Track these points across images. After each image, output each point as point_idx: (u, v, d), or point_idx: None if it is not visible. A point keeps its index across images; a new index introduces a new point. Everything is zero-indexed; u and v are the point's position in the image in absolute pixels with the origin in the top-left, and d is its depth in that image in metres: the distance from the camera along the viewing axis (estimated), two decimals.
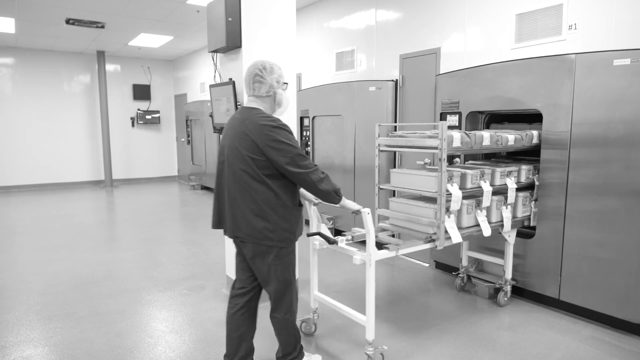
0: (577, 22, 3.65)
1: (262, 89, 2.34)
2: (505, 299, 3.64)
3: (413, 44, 5.10)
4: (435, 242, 2.91)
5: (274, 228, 2.29)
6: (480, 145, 3.12)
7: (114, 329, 3.28)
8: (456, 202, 2.93)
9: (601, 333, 3.18)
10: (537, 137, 3.55)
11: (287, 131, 2.26)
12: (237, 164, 2.28)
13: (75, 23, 7.61)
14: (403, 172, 3.16)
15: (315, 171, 2.28)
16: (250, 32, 3.53)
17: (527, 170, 3.52)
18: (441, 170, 2.82)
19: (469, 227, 3.14)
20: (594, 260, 3.25)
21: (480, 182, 3.16)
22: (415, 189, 3.06)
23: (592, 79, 3.18)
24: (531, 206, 3.58)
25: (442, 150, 2.80)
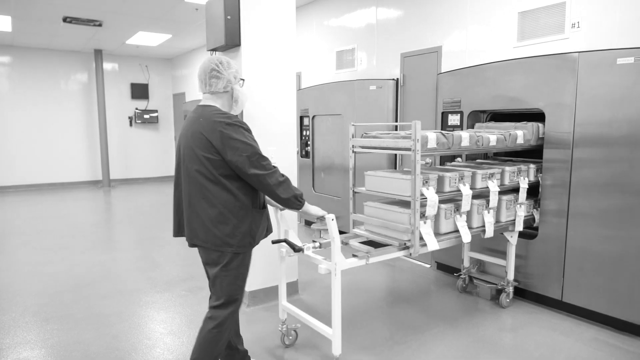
0: (580, 20, 3.65)
1: (219, 84, 2.23)
2: (507, 300, 3.62)
3: (414, 43, 5.10)
4: (409, 249, 2.79)
5: (232, 232, 2.17)
6: (458, 146, 2.99)
7: (111, 331, 3.28)
8: (432, 206, 2.81)
9: (604, 335, 3.18)
10: (521, 137, 3.42)
11: (243, 128, 2.15)
12: (192, 165, 2.18)
13: (72, 21, 7.61)
14: (377, 175, 3.04)
15: (273, 173, 2.15)
16: (249, 31, 3.53)
17: (512, 172, 3.39)
18: (414, 173, 2.69)
19: (447, 233, 3.03)
20: (598, 261, 3.25)
21: (459, 185, 3.04)
22: (389, 192, 2.93)
23: (595, 77, 3.18)
24: (525, 209, 3.49)
25: (415, 152, 2.68)
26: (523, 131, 3.44)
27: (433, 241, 2.85)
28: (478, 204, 3.18)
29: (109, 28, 8.26)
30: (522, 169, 3.47)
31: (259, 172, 2.11)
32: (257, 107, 3.61)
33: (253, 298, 3.69)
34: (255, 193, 2.23)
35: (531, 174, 3.58)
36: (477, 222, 3.21)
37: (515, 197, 3.42)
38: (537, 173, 3.61)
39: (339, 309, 2.54)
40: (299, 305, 3.72)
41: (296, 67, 4.04)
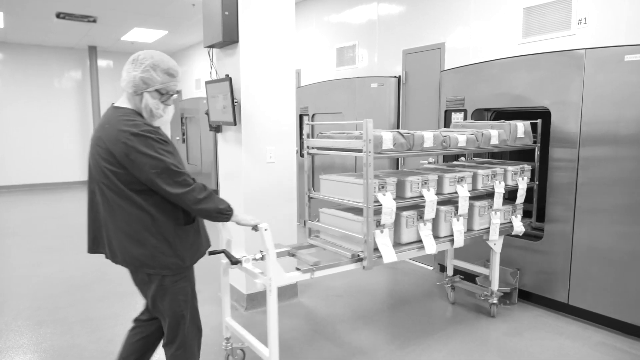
0: (587, 16, 3.65)
1: (125, 81, 1.99)
2: (496, 310, 3.51)
3: (416, 39, 5.09)
4: (363, 261, 2.63)
5: (152, 254, 1.95)
6: (421, 147, 2.83)
7: (106, 335, 3.27)
8: (388, 214, 2.62)
9: (612, 339, 3.17)
10: (496, 137, 3.25)
11: (153, 139, 1.88)
12: (98, 177, 1.94)
13: (66, 17, 7.61)
14: (331, 179, 2.89)
15: (191, 192, 1.93)
16: (247, 27, 3.52)
17: (485, 176, 3.19)
18: (366, 177, 2.53)
19: (410, 243, 2.86)
20: (605, 263, 3.25)
21: (423, 190, 2.86)
22: (343, 198, 2.77)
23: (602, 75, 3.18)
24: (502, 216, 3.32)
25: (367, 154, 2.52)
26: (498, 131, 3.28)
27: (390, 252, 2.66)
28: (446, 211, 2.99)
29: (103, 24, 8.25)
30: (497, 172, 3.27)
31: (172, 191, 1.89)
32: (255, 105, 3.60)
33: (251, 301, 3.69)
34: (176, 207, 1.99)
35: (509, 178, 3.37)
36: (444, 230, 3.02)
37: (490, 203, 3.25)
38: (519, 176, 3.43)
39: (276, 329, 2.39)
40: (298, 309, 3.72)
41: (296, 64, 4.04)
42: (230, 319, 2.82)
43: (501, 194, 3.25)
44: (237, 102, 3.57)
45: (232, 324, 2.78)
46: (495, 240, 3.33)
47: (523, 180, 3.43)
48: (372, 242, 2.61)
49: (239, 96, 3.56)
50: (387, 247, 2.67)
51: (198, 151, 10.18)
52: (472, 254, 4.07)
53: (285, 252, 2.82)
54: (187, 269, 2.10)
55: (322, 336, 3.25)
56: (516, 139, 3.39)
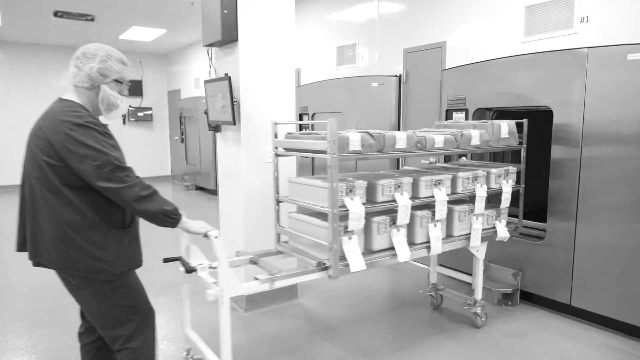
0: (590, 14, 3.65)
1: (77, 76, 1.93)
2: (482, 320, 3.38)
3: (417, 38, 5.09)
4: (328, 270, 2.52)
5: (79, 256, 1.82)
6: (392, 148, 2.71)
7: None
8: (356, 220, 2.51)
9: (615, 340, 3.18)
10: (477, 137, 3.12)
11: (97, 131, 1.83)
12: (32, 171, 1.85)
13: (63, 16, 7.61)
14: (298, 182, 2.79)
15: (132, 187, 1.81)
16: (247, 25, 3.53)
17: (465, 178, 3.06)
18: (331, 181, 2.42)
19: (382, 250, 2.73)
20: (608, 264, 3.25)
21: (395, 194, 2.72)
22: (309, 202, 2.67)
23: (605, 74, 3.18)
24: (484, 221, 3.19)
25: (331, 156, 2.41)
26: (480, 131, 3.15)
27: (358, 261, 2.54)
28: (422, 216, 2.88)
29: (101, 23, 8.25)
30: (479, 175, 3.15)
31: (112, 186, 1.78)
32: (255, 105, 3.60)
33: (250, 302, 3.69)
34: (112, 209, 1.90)
35: (492, 181, 3.24)
36: (421, 237, 2.90)
37: (472, 207, 3.12)
38: (504, 179, 3.30)
39: (228, 343, 2.31)
40: (298, 310, 3.72)
41: (295, 63, 4.04)
42: (190, 329, 2.65)
43: (483, 197, 3.12)
44: (236, 102, 3.57)
45: (192, 335, 2.61)
46: (477, 246, 3.19)
47: (508, 183, 3.30)
48: (338, 249, 2.50)
49: (238, 95, 3.57)
50: (355, 255, 2.54)
51: (197, 151, 10.19)
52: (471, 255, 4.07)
53: (246, 259, 2.70)
54: (122, 276, 1.94)
55: (322, 337, 3.25)
56: (500, 140, 3.27)
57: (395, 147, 2.73)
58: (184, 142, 11.07)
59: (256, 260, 2.70)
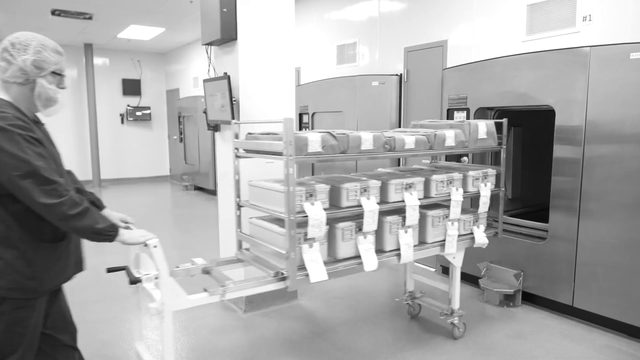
0: (592, 13, 3.65)
1: (7, 71, 1.74)
2: (460, 331, 3.24)
3: (418, 37, 5.10)
4: (286, 280, 2.39)
5: (2, 270, 1.68)
6: (358, 149, 2.57)
7: (101, 338, 3.28)
8: (316, 226, 2.38)
9: (617, 342, 3.18)
10: (452, 138, 2.98)
11: (22, 136, 1.64)
12: None
13: (61, 14, 7.61)
14: (257, 185, 2.67)
15: (59, 205, 1.65)
16: (246, 24, 3.53)
17: (439, 182, 2.92)
18: (287, 185, 2.29)
19: (349, 259, 2.60)
20: (611, 265, 3.25)
21: (361, 198, 2.58)
22: (268, 207, 2.54)
23: (607, 73, 3.18)
24: (461, 227, 3.06)
25: (287, 158, 2.28)
26: (455, 131, 3.02)
27: (319, 271, 2.42)
28: (391, 222, 2.73)
29: (99, 21, 8.26)
30: (454, 178, 3.00)
31: (38, 200, 1.62)
32: (254, 104, 3.61)
33: (249, 303, 3.69)
34: (43, 221, 1.73)
35: (469, 184, 3.11)
36: (390, 244, 2.76)
37: (446, 212, 2.97)
38: (482, 182, 3.17)
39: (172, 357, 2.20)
40: (298, 311, 3.73)
41: (295, 61, 4.04)
42: (140, 343, 2.49)
43: (458, 202, 2.97)
44: (235, 101, 3.57)
45: (140, 350, 2.45)
46: (453, 253, 3.07)
47: (486, 186, 3.16)
48: (296, 258, 2.37)
49: (238, 95, 3.57)
50: (315, 264, 2.41)
51: (196, 150, 10.19)
52: (474, 256, 4.07)
53: (199, 269, 2.56)
54: (39, 296, 1.80)
55: (322, 339, 3.25)
56: (477, 140, 3.13)
57: (361, 148, 2.59)
58: (182, 141, 11.07)
59: (209, 269, 2.55)
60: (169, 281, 2.13)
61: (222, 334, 3.33)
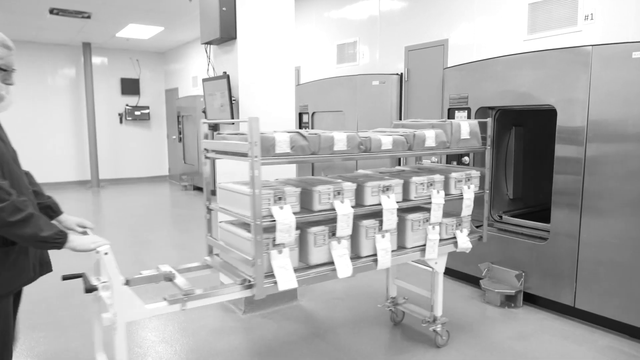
0: (594, 12, 3.65)
1: None
2: (442, 339, 3.14)
3: (419, 36, 5.10)
4: (253, 288, 2.30)
5: None
6: (331, 150, 2.48)
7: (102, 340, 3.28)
8: (285, 231, 2.29)
9: (619, 343, 3.18)
10: (432, 138, 2.89)
11: None
12: None
13: (59, 13, 7.61)
14: (226, 188, 2.58)
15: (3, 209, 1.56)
16: (245, 23, 3.53)
17: (419, 184, 2.83)
18: (253, 187, 2.20)
19: (321, 265, 2.50)
20: (612, 265, 3.25)
21: (335, 201, 2.48)
22: (235, 211, 2.46)
23: (609, 72, 3.18)
24: (442, 231, 2.98)
25: (252, 159, 2.20)
26: (436, 131, 2.93)
27: (288, 278, 2.33)
28: (368, 226, 2.63)
29: (98, 20, 8.26)
30: (435, 180, 2.90)
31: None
32: (254, 104, 3.61)
33: (249, 304, 3.70)
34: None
35: (451, 186, 3.02)
36: (367, 249, 2.66)
37: (426, 215, 2.88)
38: (465, 184, 3.07)
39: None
40: (298, 312, 3.73)
41: (295, 61, 4.04)
42: (101, 354, 2.37)
43: (440, 205, 2.88)
44: (235, 100, 3.58)
45: None
46: (434, 259, 2.96)
47: (469, 188, 3.07)
48: (264, 264, 2.28)
49: (237, 94, 3.57)
50: (284, 271, 2.33)
51: (195, 150, 10.20)
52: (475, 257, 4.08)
53: (160, 275, 2.45)
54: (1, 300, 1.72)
55: (322, 340, 3.25)
56: (460, 141, 3.04)
57: (334, 149, 2.50)
58: (181, 141, 11.08)
59: (172, 277, 2.43)
60: (122, 290, 2.01)
61: (221, 335, 3.33)
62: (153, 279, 2.42)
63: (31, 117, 10.65)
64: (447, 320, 3.17)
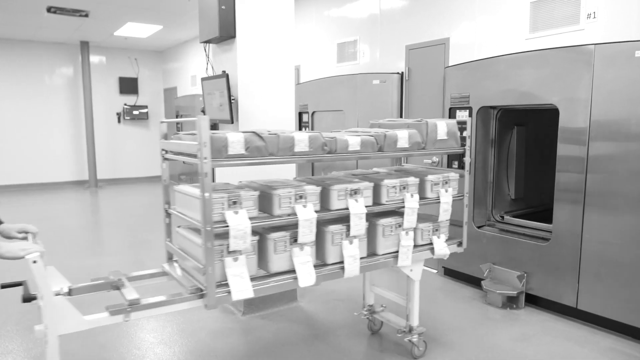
0: (597, 10, 3.65)
1: None
2: (419, 350, 3.00)
3: (420, 34, 5.10)
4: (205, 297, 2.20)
5: None
6: (290, 151, 2.39)
7: (98, 340, 3.28)
8: (239, 237, 2.19)
9: (622, 344, 3.18)
10: (405, 139, 2.77)
11: None
12: None
13: (57, 11, 7.61)
14: (181, 191, 2.49)
15: None
16: (245, 21, 3.53)
17: (391, 187, 2.70)
18: (202, 190, 2.12)
19: (281, 273, 2.40)
20: (615, 266, 3.25)
21: (296, 205, 2.38)
22: (189, 216, 2.37)
23: (612, 71, 3.18)
24: (417, 237, 2.85)
25: (201, 161, 2.11)
26: (409, 132, 2.81)
27: (243, 287, 2.22)
28: (334, 232, 2.51)
29: (95, 19, 8.26)
30: (409, 183, 2.76)
31: None
32: (253, 103, 3.61)
33: (248, 305, 3.69)
34: None
35: (427, 189, 2.88)
36: (333, 256, 2.54)
37: (399, 220, 2.75)
38: (442, 187, 2.94)
39: None
40: (298, 314, 3.73)
41: (295, 60, 4.04)
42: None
43: (413, 209, 2.74)
44: (234, 100, 3.58)
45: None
46: (409, 266, 2.82)
47: (447, 192, 2.94)
48: (215, 273, 2.19)
49: (236, 93, 3.57)
50: (239, 280, 2.22)
51: None
52: (476, 257, 4.08)
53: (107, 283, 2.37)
54: None
55: (322, 342, 3.25)
56: (436, 142, 2.92)
57: (295, 150, 2.40)
58: None
59: (120, 285, 2.34)
60: (53, 301, 1.92)
61: (220, 337, 3.33)
62: (100, 287, 2.32)
63: (29, 117, 10.65)
64: (424, 330, 3.04)
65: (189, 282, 2.37)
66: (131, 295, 2.16)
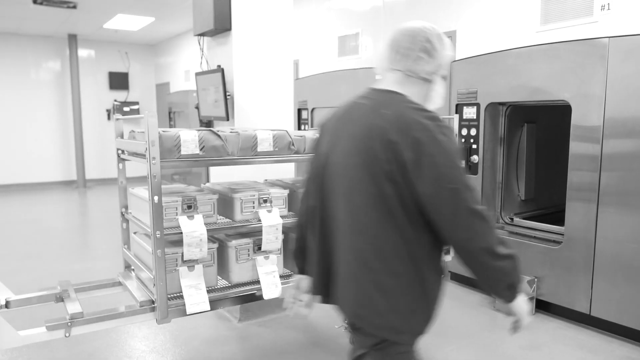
0: (611, 1, 3.65)
1: (426, 65, 1.53)
2: None
3: None
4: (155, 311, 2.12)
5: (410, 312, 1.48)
6: (253, 151, 2.31)
7: (87, 349, 3.28)
8: (194, 245, 2.10)
9: (638, 353, 3.18)
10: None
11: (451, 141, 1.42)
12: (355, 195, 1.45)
13: (43, 2, 7.61)
14: (133, 193, 2.42)
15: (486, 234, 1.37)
16: (241, 13, 3.53)
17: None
18: (151, 194, 2.04)
19: (245, 284, 2.35)
20: (631, 271, 3.25)
21: (260, 210, 2.32)
22: (141, 221, 2.31)
23: (628, 65, 3.18)
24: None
25: (149, 161, 2.04)
26: None
27: (199, 299, 2.14)
28: None
29: (84, 10, 8.26)
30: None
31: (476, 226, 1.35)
32: (249, 99, 3.61)
33: (245, 312, 3.69)
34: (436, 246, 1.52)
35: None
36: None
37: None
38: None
39: None
40: (296, 320, 3.72)
41: (293, 53, 4.03)
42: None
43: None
44: (229, 95, 3.58)
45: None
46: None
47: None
48: (162, 285, 2.10)
49: (232, 89, 3.57)
50: (195, 292, 2.14)
51: None
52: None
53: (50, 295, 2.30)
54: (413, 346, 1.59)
55: (322, 349, 3.25)
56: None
57: (257, 150, 2.32)
58: None
59: (65, 296, 2.27)
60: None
61: (215, 345, 3.33)
62: (42, 299, 2.22)
63: (13, 113, 10.65)
64: None
65: (142, 293, 2.28)
66: (74, 309, 2.09)
